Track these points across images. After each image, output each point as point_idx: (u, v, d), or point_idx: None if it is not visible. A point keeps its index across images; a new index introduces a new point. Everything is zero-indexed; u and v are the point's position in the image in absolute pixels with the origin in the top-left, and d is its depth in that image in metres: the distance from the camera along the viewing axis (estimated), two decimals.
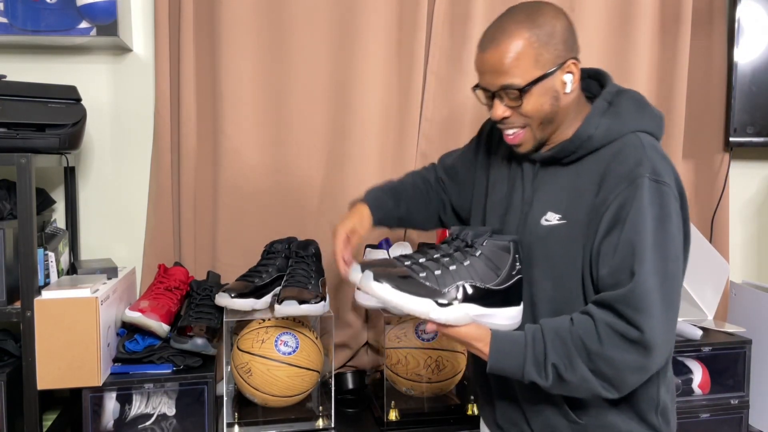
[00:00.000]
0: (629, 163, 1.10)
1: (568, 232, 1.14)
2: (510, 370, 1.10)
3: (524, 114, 1.14)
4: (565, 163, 1.18)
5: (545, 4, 1.16)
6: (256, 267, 1.71)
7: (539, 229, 1.17)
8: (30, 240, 1.43)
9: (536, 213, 1.18)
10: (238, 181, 1.86)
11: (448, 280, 1.11)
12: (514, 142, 1.18)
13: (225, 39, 1.81)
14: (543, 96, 1.13)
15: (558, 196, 1.17)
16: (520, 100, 1.12)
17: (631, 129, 1.14)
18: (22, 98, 1.50)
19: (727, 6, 2.12)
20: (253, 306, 1.60)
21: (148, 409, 1.62)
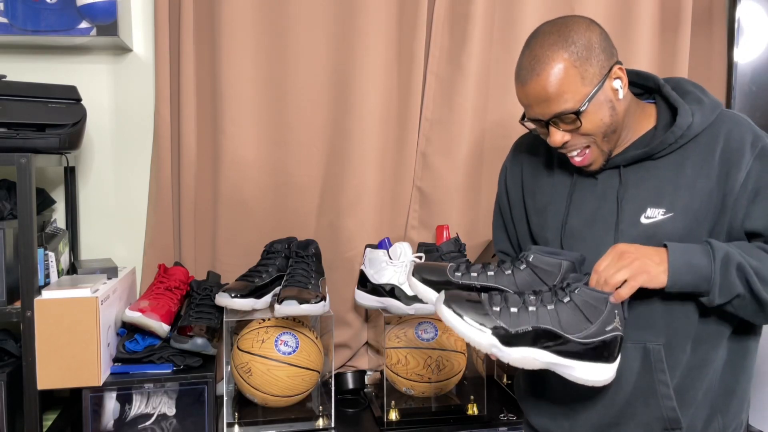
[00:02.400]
0: (747, 136, 1.11)
1: (676, 224, 1.11)
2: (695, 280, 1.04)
3: (585, 133, 1.11)
4: (657, 158, 1.14)
5: (572, 18, 1.13)
6: (256, 267, 1.71)
7: (639, 227, 1.13)
8: (30, 240, 1.43)
9: (632, 213, 1.14)
10: (238, 181, 1.86)
11: (523, 321, 1.04)
12: (583, 164, 1.15)
13: (225, 39, 1.81)
14: (600, 110, 1.10)
15: (657, 191, 1.13)
16: (578, 122, 1.09)
17: (717, 109, 1.15)
18: (22, 98, 1.50)
19: (727, 6, 2.12)
20: (253, 306, 1.60)
21: (148, 409, 1.63)
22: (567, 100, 1.07)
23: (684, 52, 2.05)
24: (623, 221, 1.14)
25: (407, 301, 1.64)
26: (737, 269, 1.03)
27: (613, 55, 1.12)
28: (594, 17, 1.96)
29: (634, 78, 1.21)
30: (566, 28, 1.10)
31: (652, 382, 1.13)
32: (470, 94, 1.93)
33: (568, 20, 1.12)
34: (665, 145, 1.12)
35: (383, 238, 1.79)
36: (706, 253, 1.04)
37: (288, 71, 1.87)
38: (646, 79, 1.20)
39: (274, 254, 1.73)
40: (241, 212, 1.87)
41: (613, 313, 1.05)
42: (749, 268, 1.03)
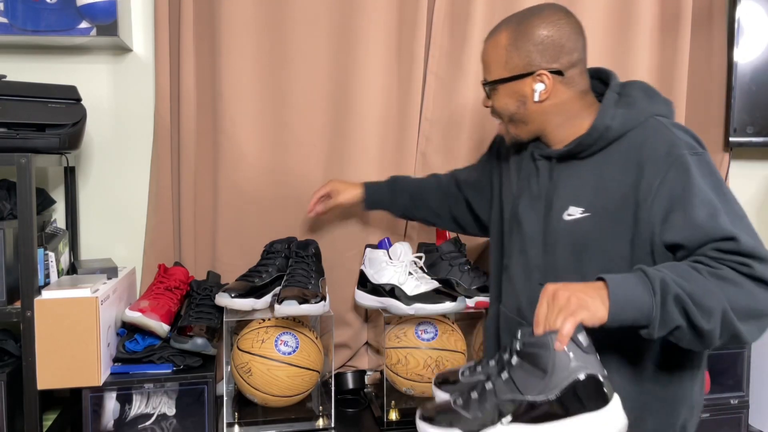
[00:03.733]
0: (663, 146, 1.09)
1: (594, 224, 1.15)
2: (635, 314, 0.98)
3: (496, 109, 1.24)
4: (582, 157, 1.18)
5: (550, 8, 1.18)
6: (256, 267, 1.71)
7: (561, 224, 1.18)
8: (30, 240, 1.43)
9: (557, 209, 1.19)
10: (238, 181, 1.86)
11: (487, 403, 0.96)
12: (499, 130, 1.29)
13: (225, 39, 1.81)
14: (508, 97, 1.20)
15: (579, 190, 1.18)
16: (492, 93, 1.22)
17: (647, 115, 1.15)
18: (22, 98, 1.50)
19: (727, 6, 2.12)
20: (253, 306, 1.60)
21: (148, 409, 1.63)
22: (489, 70, 1.22)
23: (684, 52, 2.05)
24: (550, 216, 1.21)
25: (407, 301, 1.64)
26: (675, 301, 0.97)
27: (556, 61, 1.16)
28: (594, 17, 2.01)
29: (604, 77, 1.25)
30: (532, 14, 1.18)
31: None
32: (470, 94, 1.93)
33: (545, 9, 1.18)
34: (585, 146, 1.16)
35: (383, 238, 1.79)
36: (644, 285, 0.97)
37: (288, 71, 1.87)
38: (608, 77, 1.24)
39: (274, 254, 1.73)
40: (241, 212, 1.87)
41: (565, 354, 0.94)
42: (687, 298, 0.97)
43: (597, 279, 1.00)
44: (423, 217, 1.72)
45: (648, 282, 0.97)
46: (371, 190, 1.69)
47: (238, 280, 1.67)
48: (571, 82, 1.17)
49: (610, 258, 1.13)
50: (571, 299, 0.96)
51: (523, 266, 1.26)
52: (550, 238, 1.20)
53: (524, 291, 1.25)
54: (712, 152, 2.14)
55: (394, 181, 1.70)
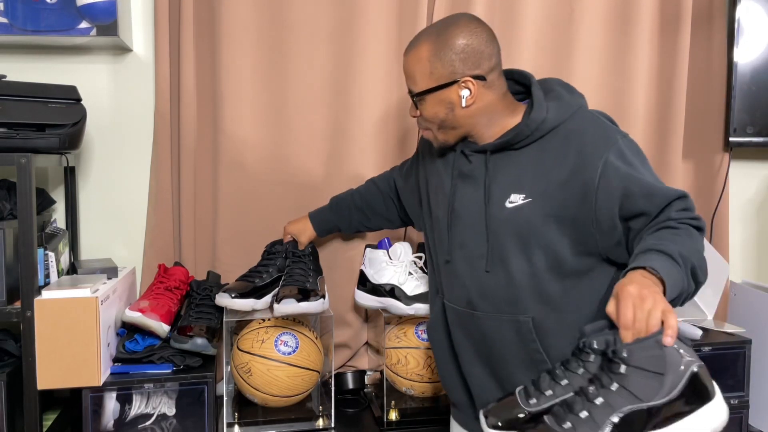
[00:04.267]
0: (598, 132, 1.20)
1: (535, 208, 1.21)
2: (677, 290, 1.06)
3: (425, 117, 1.28)
4: (517, 148, 1.24)
5: (464, 18, 1.26)
6: (257, 267, 1.71)
7: (504, 211, 1.23)
8: (30, 240, 1.43)
9: (498, 197, 1.25)
10: (238, 181, 1.86)
11: (601, 420, 0.90)
12: (427, 137, 1.32)
13: (225, 39, 1.81)
14: (437, 105, 1.25)
15: (518, 178, 1.23)
16: (419, 104, 1.26)
17: (576, 107, 1.25)
18: (22, 98, 1.50)
19: (727, 6, 2.12)
20: (253, 306, 1.60)
21: (148, 409, 1.62)
22: (415, 82, 1.26)
23: (684, 52, 2.05)
24: (491, 205, 1.25)
25: (407, 301, 1.64)
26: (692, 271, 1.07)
27: (477, 67, 1.23)
28: (594, 17, 2.01)
29: (518, 78, 1.33)
30: (449, 25, 1.24)
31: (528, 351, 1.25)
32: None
33: (460, 18, 1.25)
34: (522, 136, 1.23)
35: (383, 238, 1.79)
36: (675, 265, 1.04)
37: (288, 71, 1.87)
38: (524, 78, 1.32)
39: (274, 255, 1.73)
40: (241, 212, 1.87)
41: (675, 350, 0.92)
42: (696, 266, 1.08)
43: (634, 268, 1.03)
44: (377, 225, 1.75)
45: (674, 261, 1.04)
46: (317, 220, 1.74)
47: (238, 281, 1.67)
48: (492, 85, 1.25)
49: (553, 240, 1.21)
50: (654, 295, 0.97)
51: (466, 258, 1.30)
52: (494, 227, 1.24)
53: (472, 282, 1.29)
54: (712, 152, 2.15)
55: (336, 202, 1.75)
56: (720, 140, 2.14)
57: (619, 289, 0.98)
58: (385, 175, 1.73)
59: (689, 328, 1.85)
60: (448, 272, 1.35)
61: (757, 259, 2.28)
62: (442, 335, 1.40)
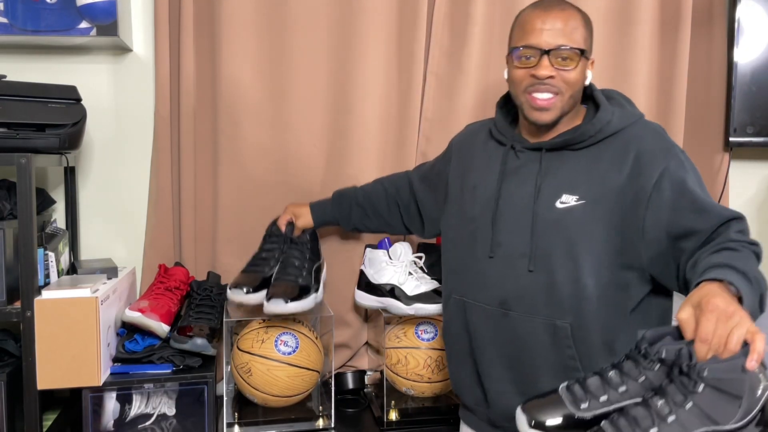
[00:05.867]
0: (659, 142, 1.19)
1: (587, 211, 1.18)
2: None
3: (566, 80, 1.20)
4: (575, 149, 1.22)
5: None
6: (260, 254, 1.64)
7: (554, 212, 1.20)
8: (30, 240, 1.43)
9: (548, 197, 1.21)
10: (238, 181, 1.86)
11: None
12: (545, 105, 1.21)
13: (225, 39, 1.81)
14: (582, 73, 1.22)
15: (572, 179, 1.20)
16: (574, 62, 1.19)
17: (637, 116, 1.24)
18: (22, 98, 1.50)
19: (727, 6, 2.12)
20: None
21: (148, 409, 1.62)
22: (576, 40, 1.20)
23: (684, 52, 2.05)
24: (540, 204, 1.21)
25: (407, 301, 1.64)
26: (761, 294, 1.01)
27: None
28: (594, 16, 1.98)
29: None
30: (578, 7, 1.26)
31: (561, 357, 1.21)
32: (470, 94, 1.93)
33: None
34: (585, 136, 1.21)
35: (383, 238, 1.79)
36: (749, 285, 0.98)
37: (288, 71, 1.87)
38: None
39: (276, 237, 1.66)
40: (241, 212, 1.87)
41: (755, 375, 0.87)
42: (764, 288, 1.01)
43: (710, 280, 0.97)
44: (377, 227, 1.72)
45: (748, 281, 0.98)
46: (316, 211, 1.71)
47: (245, 272, 1.60)
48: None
49: (599, 247, 1.18)
50: (741, 312, 0.91)
51: (505, 257, 1.25)
52: (541, 226, 1.21)
53: (509, 282, 1.24)
54: (712, 152, 2.15)
55: (339, 196, 1.72)
56: (720, 140, 2.14)
57: (704, 300, 0.91)
58: (394, 177, 1.71)
59: None
60: (479, 271, 1.30)
61: None
62: (461, 336, 1.35)
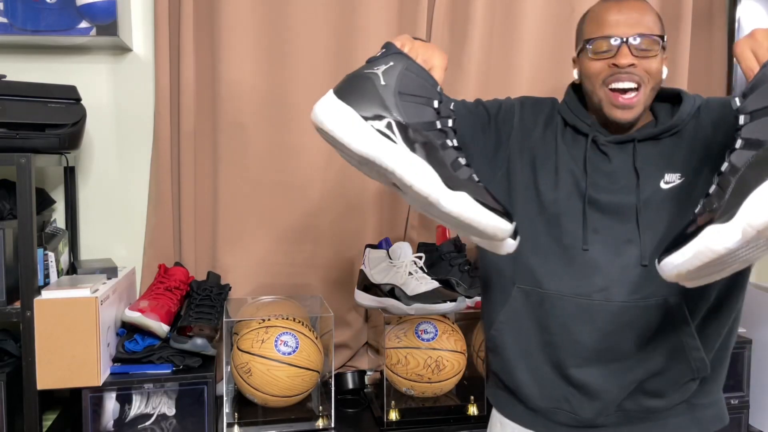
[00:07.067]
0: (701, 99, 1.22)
1: (694, 187, 1.15)
2: None
3: (648, 69, 1.15)
4: (661, 137, 1.19)
5: None
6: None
7: (660, 193, 1.16)
8: (30, 240, 1.43)
9: (650, 180, 1.17)
10: (238, 182, 1.86)
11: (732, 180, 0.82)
12: (628, 102, 1.15)
13: (225, 38, 1.81)
14: (662, 63, 1.17)
15: (669, 160, 1.17)
16: (654, 51, 1.14)
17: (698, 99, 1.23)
18: (22, 98, 1.50)
19: (727, 6, 2.12)
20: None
21: (147, 409, 1.62)
22: (654, 28, 1.15)
23: (684, 52, 2.05)
24: (645, 188, 1.16)
25: (407, 301, 1.64)
26: None
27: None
28: None
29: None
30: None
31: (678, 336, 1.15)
32: (470, 94, 1.93)
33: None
34: (680, 120, 1.18)
35: (383, 238, 1.79)
36: None
37: (288, 71, 1.87)
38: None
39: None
40: (241, 212, 1.87)
41: None
42: None
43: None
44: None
45: None
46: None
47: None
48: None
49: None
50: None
51: (605, 245, 1.18)
52: (648, 210, 1.16)
53: (612, 270, 1.16)
54: None
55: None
56: None
57: (737, 44, 0.94)
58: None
59: None
60: (569, 260, 1.19)
61: None
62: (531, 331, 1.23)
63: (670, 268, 0.86)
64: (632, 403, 1.18)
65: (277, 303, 1.80)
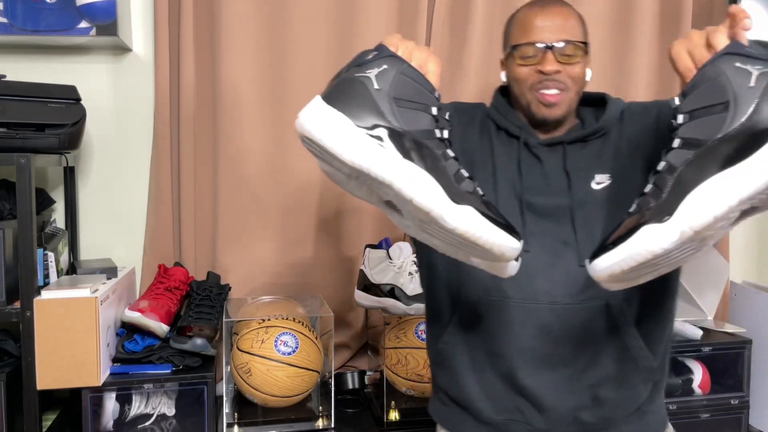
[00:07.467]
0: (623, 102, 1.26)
1: (619, 190, 1.16)
2: None
3: (571, 75, 1.17)
4: (588, 140, 1.21)
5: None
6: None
7: (592, 194, 1.17)
8: (30, 240, 1.43)
9: (581, 181, 1.18)
10: (238, 181, 1.86)
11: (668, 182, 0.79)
12: (554, 100, 1.18)
13: (225, 38, 1.81)
14: (585, 68, 1.19)
15: (597, 161, 1.19)
16: (578, 57, 1.17)
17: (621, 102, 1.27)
18: (22, 98, 1.50)
19: (728, 6, 2.11)
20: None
21: (147, 409, 1.62)
22: (578, 34, 1.18)
23: None
24: (575, 189, 1.17)
25: (407, 301, 1.64)
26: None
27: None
28: (594, 16, 2.01)
29: None
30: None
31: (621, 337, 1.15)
32: (470, 94, 1.93)
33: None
34: (606, 122, 1.21)
35: (383, 238, 1.79)
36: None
37: (288, 71, 1.87)
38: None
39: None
40: (242, 212, 1.87)
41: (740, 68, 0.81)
42: None
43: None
44: None
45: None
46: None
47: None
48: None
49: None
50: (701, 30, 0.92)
51: (543, 248, 1.16)
52: (582, 211, 1.17)
53: (554, 272, 1.15)
54: None
55: None
56: None
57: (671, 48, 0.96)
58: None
59: (689, 327, 1.85)
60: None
61: (757, 259, 2.28)
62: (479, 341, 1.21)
63: (603, 269, 0.82)
64: (589, 414, 1.16)
65: (277, 303, 1.80)
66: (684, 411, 1.79)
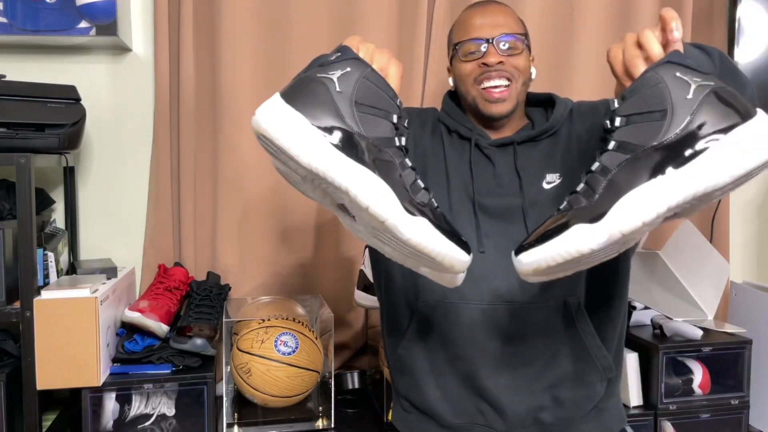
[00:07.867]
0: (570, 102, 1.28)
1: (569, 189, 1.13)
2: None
3: (516, 66, 1.20)
4: (538, 140, 1.23)
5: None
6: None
7: (544, 193, 1.18)
8: (29, 240, 1.43)
9: (533, 181, 1.19)
10: (238, 182, 1.86)
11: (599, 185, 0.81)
12: (500, 96, 1.19)
13: (225, 38, 1.81)
14: (528, 60, 1.22)
15: (548, 160, 1.21)
16: (519, 49, 1.20)
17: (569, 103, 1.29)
18: (22, 98, 1.50)
19: (727, 6, 2.11)
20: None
21: (147, 409, 1.62)
22: (516, 28, 1.22)
23: None
24: (528, 189, 1.19)
25: None
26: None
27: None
28: (594, 17, 2.01)
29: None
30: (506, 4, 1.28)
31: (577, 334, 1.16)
32: None
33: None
34: (555, 122, 1.22)
35: None
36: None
37: (288, 71, 1.87)
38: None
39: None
40: (241, 212, 1.87)
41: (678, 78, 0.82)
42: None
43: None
44: None
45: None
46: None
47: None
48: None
49: None
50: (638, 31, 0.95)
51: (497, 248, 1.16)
52: (534, 211, 1.17)
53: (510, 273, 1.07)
54: None
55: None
56: None
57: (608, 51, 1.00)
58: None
59: (689, 327, 1.85)
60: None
61: (757, 259, 2.28)
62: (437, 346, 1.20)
63: (529, 263, 0.82)
64: (548, 414, 1.16)
65: (277, 303, 1.80)
66: (684, 411, 1.79)
